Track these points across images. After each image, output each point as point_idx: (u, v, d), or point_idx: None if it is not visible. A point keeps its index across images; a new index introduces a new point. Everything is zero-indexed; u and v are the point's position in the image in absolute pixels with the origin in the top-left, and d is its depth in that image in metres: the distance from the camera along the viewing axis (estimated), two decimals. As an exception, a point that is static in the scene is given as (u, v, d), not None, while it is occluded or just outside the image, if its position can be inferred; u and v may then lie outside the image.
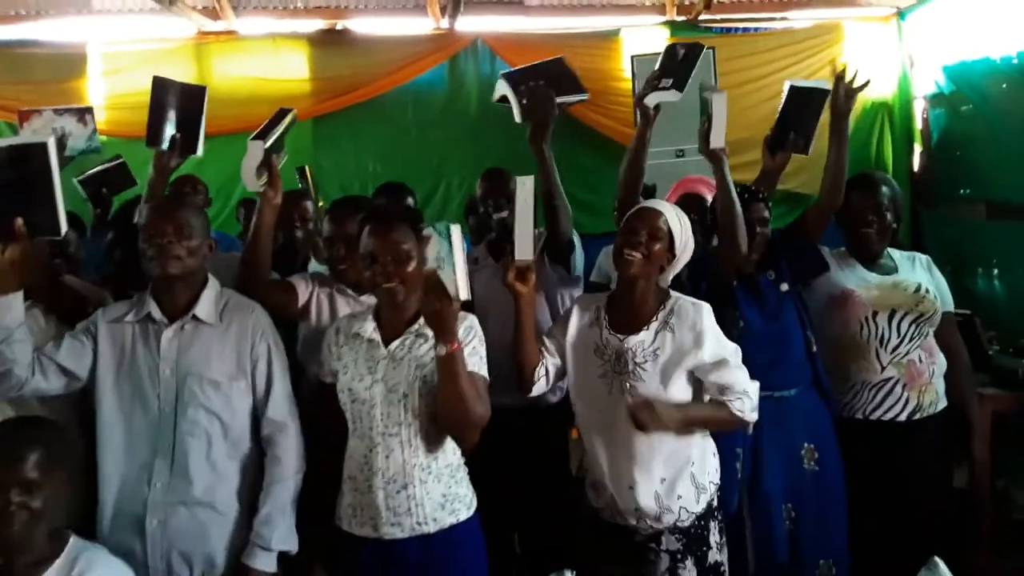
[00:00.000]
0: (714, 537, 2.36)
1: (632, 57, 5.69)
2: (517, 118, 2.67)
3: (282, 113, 2.46)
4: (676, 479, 2.30)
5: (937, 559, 2.06)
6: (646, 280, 2.33)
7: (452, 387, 1.95)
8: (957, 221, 5.60)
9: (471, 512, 2.17)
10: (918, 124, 6.08)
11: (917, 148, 6.10)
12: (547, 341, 2.42)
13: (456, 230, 1.92)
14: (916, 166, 6.10)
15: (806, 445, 2.68)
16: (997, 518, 3.59)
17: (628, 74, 5.79)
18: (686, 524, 2.32)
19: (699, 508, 2.34)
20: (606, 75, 5.99)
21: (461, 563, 2.11)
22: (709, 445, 2.40)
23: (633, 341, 2.31)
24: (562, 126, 2.81)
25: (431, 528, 2.07)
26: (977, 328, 3.68)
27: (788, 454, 2.66)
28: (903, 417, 2.73)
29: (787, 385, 2.68)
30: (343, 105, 5.97)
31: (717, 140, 2.63)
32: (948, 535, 2.87)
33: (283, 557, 2.19)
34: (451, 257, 1.90)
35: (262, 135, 2.35)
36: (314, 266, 3.03)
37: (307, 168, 4.14)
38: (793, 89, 2.87)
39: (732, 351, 2.34)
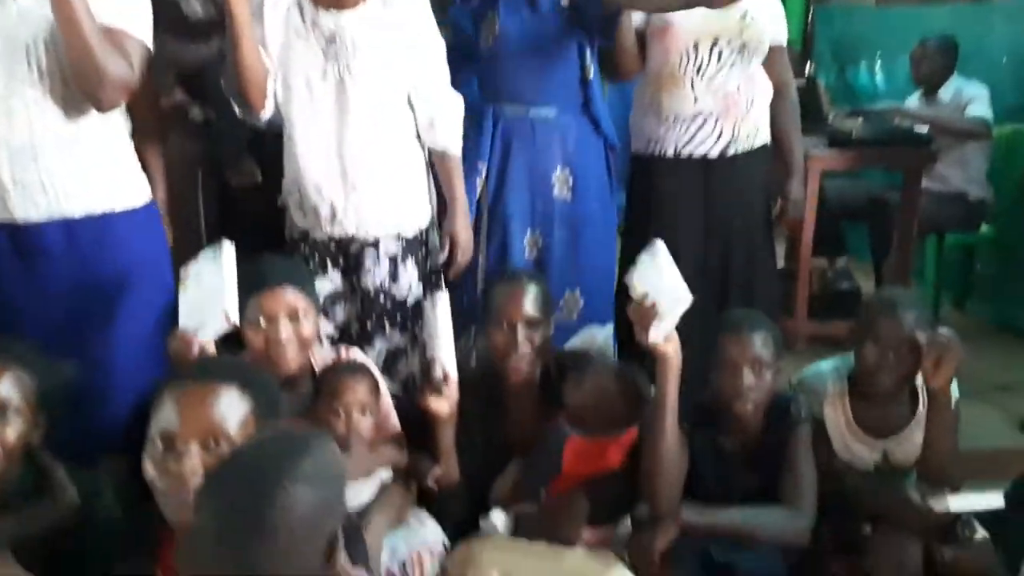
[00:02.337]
0: (433, 241, 2.25)
1: None
2: None
3: None
4: (404, 185, 2.18)
5: (659, 243, 1.84)
6: None
7: (72, 33, 1.62)
8: (848, 13, 5.41)
9: (141, 202, 1.90)
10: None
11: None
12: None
13: None
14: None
15: (559, 171, 2.47)
16: (821, 288, 3.48)
17: None
18: (409, 235, 2.20)
19: (422, 219, 2.23)
20: None
21: (120, 255, 1.84)
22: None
23: (348, 17, 2.03)
24: None
25: (75, 212, 1.79)
26: (818, 90, 3.49)
27: (537, 179, 2.46)
28: (715, 153, 2.55)
29: (545, 102, 2.44)
30: None
31: None
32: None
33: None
34: None
35: None
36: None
37: None
38: None
39: (438, 46, 2.16)
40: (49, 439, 1.65)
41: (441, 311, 1.86)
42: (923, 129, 3.46)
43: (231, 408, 1.32)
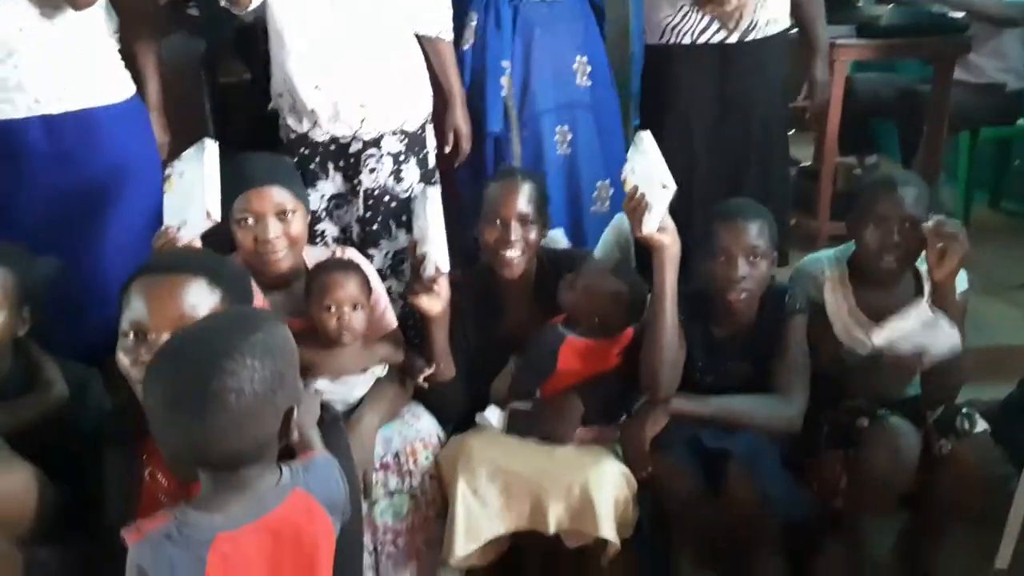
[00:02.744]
0: (431, 141, 2.26)
1: None
2: None
3: None
4: (403, 80, 2.15)
5: (645, 133, 1.78)
6: None
7: None
8: None
9: (122, 98, 1.89)
10: None
11: None
12: None
13: None
14: None
15: (578, 58, 2.43)
16: (847, 187, 3.35)
17: None
18: (412, 128, 2.18)
19: (423, 110, 2.22)
20: None
21: (104, 151, 1.84)
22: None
23: None
24: None
25: (53, 109, 1.78)
26: (847, -25, 3.27)
27: (559, 69, 2.42)
28: (734, 38, 2.43)
29: None
30: None
31: None
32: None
33: None
34: None
35: None
36: None
37: None
38: None
39: None
40: (47, 341, 1.67)
41: (432, 207, 1.83)
42: (958, 15, 3.26)
43: (200, 298, 1.31)
